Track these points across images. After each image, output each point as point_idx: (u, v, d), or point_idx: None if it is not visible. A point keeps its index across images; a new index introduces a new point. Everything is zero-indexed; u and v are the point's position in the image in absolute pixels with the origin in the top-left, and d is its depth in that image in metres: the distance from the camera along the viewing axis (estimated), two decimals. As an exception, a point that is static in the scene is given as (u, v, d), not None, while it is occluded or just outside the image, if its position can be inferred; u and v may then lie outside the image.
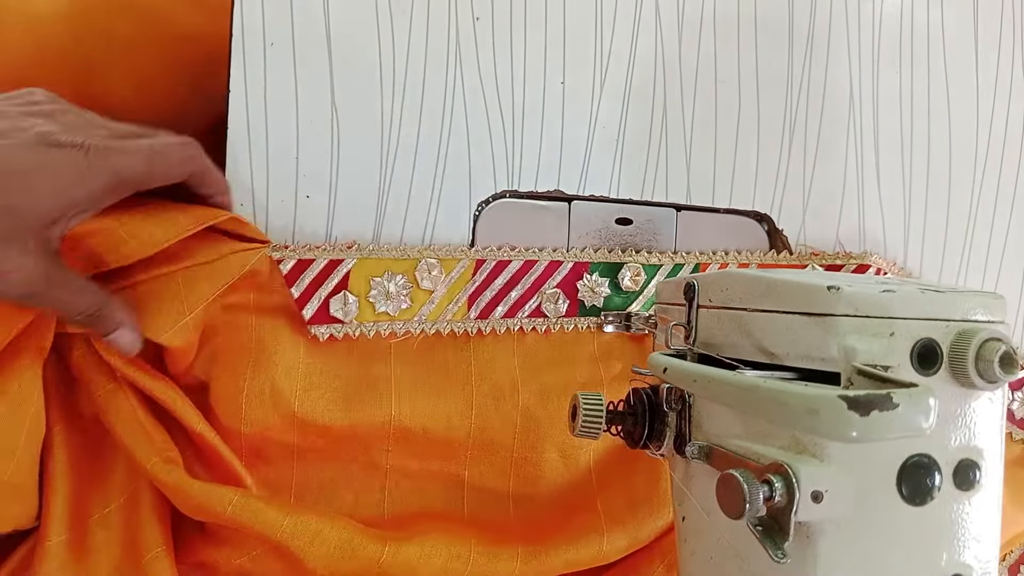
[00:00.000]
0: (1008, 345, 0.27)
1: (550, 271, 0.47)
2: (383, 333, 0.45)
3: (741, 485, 0.25)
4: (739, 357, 0.32)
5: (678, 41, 0.50)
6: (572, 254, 0.48)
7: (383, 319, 0.45)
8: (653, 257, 0.49)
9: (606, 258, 0.49)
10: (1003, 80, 0.55)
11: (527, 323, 0.47)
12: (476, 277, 0.46)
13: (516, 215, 0.48)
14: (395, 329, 0.45)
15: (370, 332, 0.44)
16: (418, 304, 0.45)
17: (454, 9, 0.46)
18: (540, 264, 0.47)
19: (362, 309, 0.44)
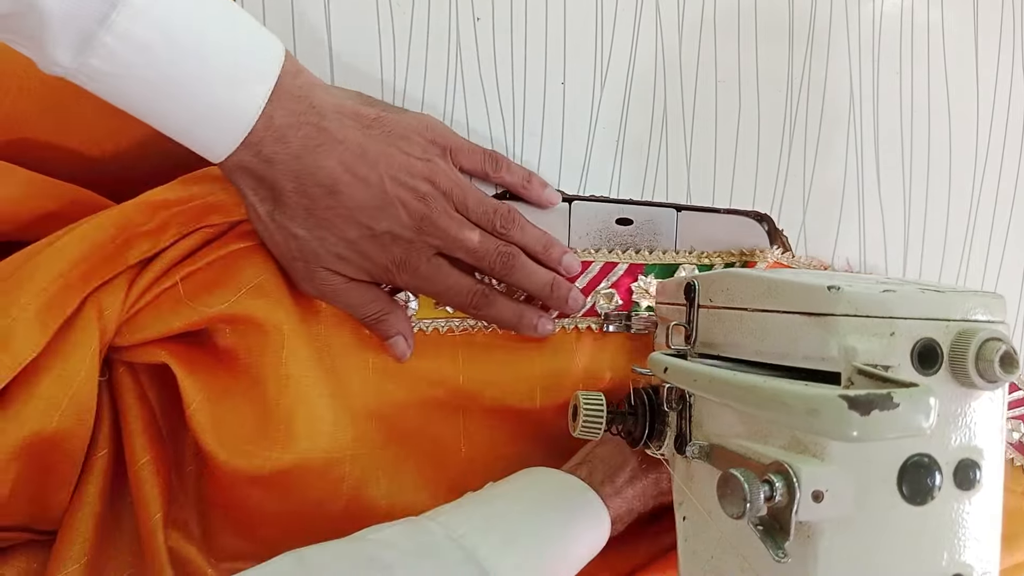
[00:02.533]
0: (1008, 345, 0.27)
1: (605, 271, 0.48)
2: (441, 330, 0.46)
3: (742, 484, 0.25)
4: (739, 357, 0.33)
5: (678, 41, 0.50)
6: (628, 255, 0.49)
7: (441, 316, 0.46)
8: (704, 257, 0.50)
9: (660, 259, 0.49)
10: (1003, 80, 0.55)
11: (582, 322, 0.48)
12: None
13: (516, 215, 0.48)
14: (452, 326, 0.46)
15: (428, 328, 0.46)
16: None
17: (454, 9, 0.46)
18: (596, 264, 0.48)
19: (422, 307, 0.46)
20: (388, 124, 0.41)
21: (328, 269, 0.41)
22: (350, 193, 0.39)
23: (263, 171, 0.38)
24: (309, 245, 0.40)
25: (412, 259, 0.42)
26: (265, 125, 0.37)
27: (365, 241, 0.40)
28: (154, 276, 0.40)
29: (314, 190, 0.39)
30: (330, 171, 0.39)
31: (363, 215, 0.40)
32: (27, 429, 0.37)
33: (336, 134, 0.39)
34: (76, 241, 0.38)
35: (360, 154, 0.39)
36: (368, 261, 0.41)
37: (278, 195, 0.39)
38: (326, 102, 0.39)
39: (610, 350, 0.49)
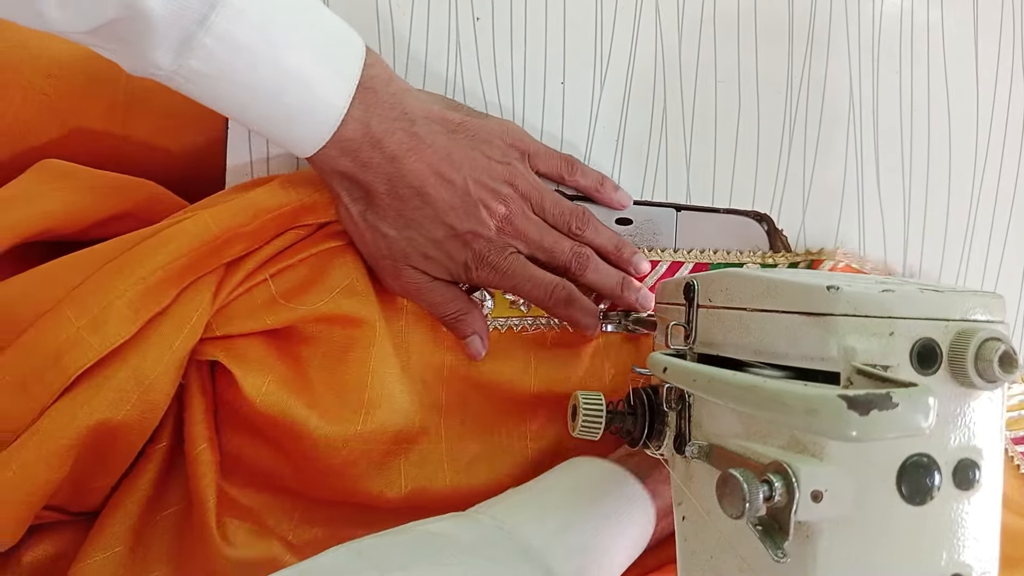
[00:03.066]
0: (1007, 345, 0.27)
1: (673, 271, 0.49)
2: (515, 328, 0.48)
3: (741, 484, 0.25)
4: (739, 357, 0.33)
5: (678, 41, 0.50)
6: (693, 255, 0.50)
7: (515, 314, 0.48)
8: (770, 256, 0.50)
9: (725, 258, 0.50)
10: (1003, 80, 0.55)
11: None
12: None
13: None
14: (526, 324, 0.48)
15: (503, 327, 0.47)
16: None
17: (454, 9, 0.46)
18: (663, 264, 0.49)
19: (498, 305, 0.47)
20: (472, 129, 0.44)
21: (414, 267, 0.43)
22: (437, 195, 0.41)
23: (359, 175, 0.40)
24: (398, 244, 0.43)
25: (491, 255, 0.43)
26: (364, 132, 0.39)
27: (449, 240, 0.43)
28: (245, 274, 0.42)
29: (405, 191, 0.41)
30: (420, 174, 0.41)
31: (448, 216, 0.42)
32: (94, 418, 0.37)
33: (426, 139, 0.41)
34: (179, 235, 0.39)
35: (446, 158, 0.42)
36: (450, 260, 0.43)
37: (371, 197, 0.41)
38: (417, 108, 0.41)
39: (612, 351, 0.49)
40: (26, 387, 0.37)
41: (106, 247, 0.40)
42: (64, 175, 0.42)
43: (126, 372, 0.38)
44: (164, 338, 0.39)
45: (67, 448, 0.37)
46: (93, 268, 0.38)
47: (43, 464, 0.36)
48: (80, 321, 0.37)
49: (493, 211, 0.43)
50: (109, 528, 0.41)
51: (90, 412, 0.37)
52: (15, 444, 0.36)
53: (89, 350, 0.37)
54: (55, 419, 0.37)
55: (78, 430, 0.37)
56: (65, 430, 0.37)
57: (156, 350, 0.39)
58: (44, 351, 0.37)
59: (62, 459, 0.37)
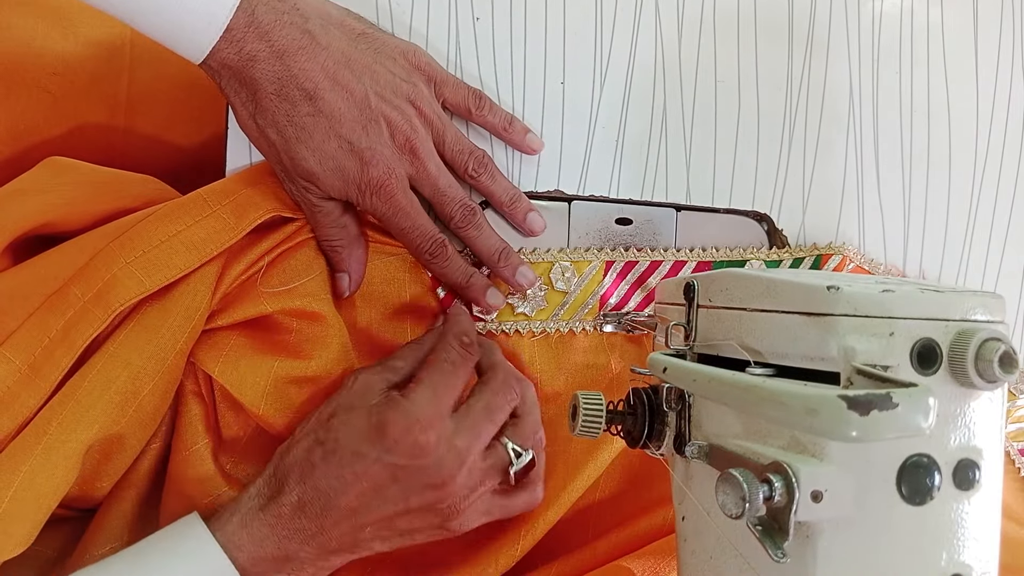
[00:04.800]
0: (1008, 345, 0.27)
1: (675, 270, 0.49)
2: (522, 332, 0.47)
3: (741, 484, 0.25)
4: (739, 357, 0.32)
5: (678, 42, 0.50)
6: (695, 254, 0.49)
7: (521, 319, 0.47)
8: (773, 253, 0.50)
9: (728, 256, 0.50)
10: (1003, 80, 0.55)
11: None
12: (606, 279, 0.48)
13: (516, 215, 0.48)
14: (532, 328, 0.47)
15: (510, 330, 0.47)
16: (553, 305, 0.48)
17: (454, 9, 0.46)
18: (665, 264, 0.49)
19: (502, 310, 0.47)
20: (375, 41, 0.41)
21: (306, 180, 0.40)
22: (333, 102, 0.38)
23: (245, 70, 0.37)
24: (284, 155, 0.39)
25: (390, 185, 0.40)
26: (247, 21, 0.36)
27: (343, 155, 0.39)
28: (244, 268, 0.41)
29: (295, 93, 0.38)
30: (312, 76, 0.37)
31: (344, 127, 0.38)
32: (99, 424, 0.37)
33: (320, 39, 0.38)
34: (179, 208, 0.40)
35: (345, 63, 0.38)
36: (340, 179, 0.40)
37: (259, 98, 0.38)
38: (311, 6, 0.38)
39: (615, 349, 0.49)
40: (37, 368, 0.37)
41: (112, 227, 0.40)
42: (68, 170, 0.42)
43: (128, 375, 0.38)
44: (165, 339, 0.39)
45: (78, 453, 0.37)
46: (99, 247, 0.39)
47: (53, 469, 0.36)
48: (85, 296, 0.37)
49: (396, 130, 0.39)
50: (107, 524, 0.41)
51: (95, 416, 0.37)
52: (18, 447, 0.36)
53: (95, 321, 0.37)
54: (64, 425, 0.37)
55: (86, 436, 0.37)
56: (72, 435, 0.37)
57: (158, 351, 0.39)
58: (53, 329, 0.37)
59: (72, 464, 0.37)
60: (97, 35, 0.47)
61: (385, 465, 0.38)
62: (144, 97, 0.48)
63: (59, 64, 0.45)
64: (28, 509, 0.36)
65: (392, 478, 0.39)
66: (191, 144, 0.49)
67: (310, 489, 0.38)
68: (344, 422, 0.40)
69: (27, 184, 0.41)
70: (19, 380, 0.36)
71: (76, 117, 0.46)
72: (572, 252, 0.48)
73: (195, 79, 0.51)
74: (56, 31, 0.46)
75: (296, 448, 0.40)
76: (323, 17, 0.39)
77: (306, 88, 0.38)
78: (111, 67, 0.47)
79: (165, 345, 0.39)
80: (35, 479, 0.36)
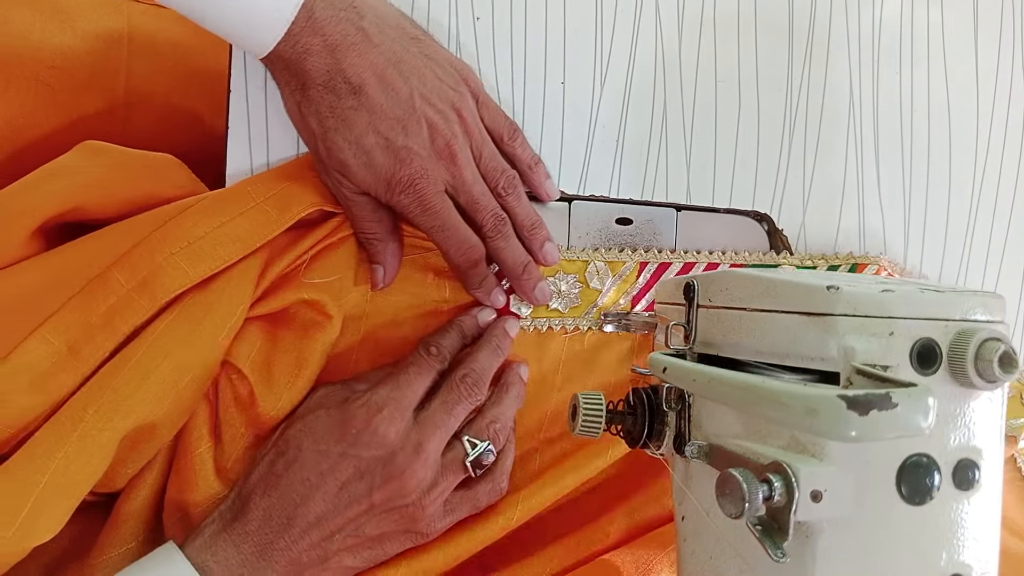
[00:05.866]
0: (1007, 345, 0.27)
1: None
2: (555, 328, 0.47)
3: (741, 484, 0.25)
4: (739, 357, 0.33)
5: (678, 41, 0.50)
6: (728, 256, 0.50)
7: (555, 315, 0.47)
8: (808, 259, 0.51)
9: (760, 260, 0.50)
10: (1003, 80, 0.55)
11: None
12: (640, 280, 0.48)
13: (516, 215, 0.48)
14: (566, 325, 0.48)
15: (543, 327, 0.47)
16: (587, 303, 0.48)
17: (454, 9, 0.46)
18: (699, 266, 0.49)
19: (537, 307, 0.47)
20: (428, 47, 0.42)
21: (339, 172, 0.41)
22: (376, 98, 0.39)
23: (298, 62, 0.38)
24: (323, 143, 0.40)
25: (423, 184, 0.40)
26: (305, 17, 0.37)
27: (379, 151, 0.39)
28: (287, 263, 0.41)
29: (341, 86, 0.38)
30: (360, 71, 0.38)
31: (383, 124, 0.39)
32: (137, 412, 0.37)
33: (373, 37, 0.39)
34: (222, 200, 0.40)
35: (394, 63, 0.39)
36: (373, 173, 0.40)
37: (307, 88, 0.39)
38: (368, 5, 0.39)
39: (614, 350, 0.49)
40: (77, 351, 0.37)
41: (155, 214, 0.40)
42: (101, 153, 0.42)
43: (168, 366, 0.38)
44: (207, 332, 0.39)
45: (113, 442, 0.37)
46: (141, 235, 0.39)
47: (89, 457, 0.36)
48: (129, 284, 0.38)
49: (437, 133, 0.40)
50: (123, 523, 0.41)
51: (132, 406, 0.37)
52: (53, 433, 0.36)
53: (140, 310, 0.38)
54: (101, 413, 0.37)
55: (123, 426, 0.37)
56: (109, 423, 0.37)
57: (199, 342, 0.39)
58: (94, 314, 0.37)
59: (107, 452, 0.37)
60: (95, 28, 0.47)
61: (350, 459, 0.39)
62: (142, 91, 0.49)
63: (57, 58, 0.45)
64: (61, 496, 0.36)
65: (357, 472, 0.39)
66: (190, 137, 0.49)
67: (275, 500, 0.39)
68: (304, 429, 0.40)
69: (58, 167, 0.41)
70: (57, 361, 0.36)
71: (75, 111, 0.46)
72: (606, 252, 0.48)
73: (193, 73, 0.51)
74: (53, 24, 0.46)
75: (257, 468, 0.40)
76: (379, 17, 0.40)
77: (352, 82, 0.38)
78: (109, 61, 0.47)
79: (206, 338, 0.39)
80: (70, 466, 0.36)
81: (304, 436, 0.40)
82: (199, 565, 0.37)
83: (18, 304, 0.37)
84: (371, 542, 0.40)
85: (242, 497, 0.40)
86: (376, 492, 0.39)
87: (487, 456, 0.42)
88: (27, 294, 0.37)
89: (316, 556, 0.39)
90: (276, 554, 0.38)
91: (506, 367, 0.46)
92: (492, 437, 0.43)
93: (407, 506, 0.40)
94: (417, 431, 0.40)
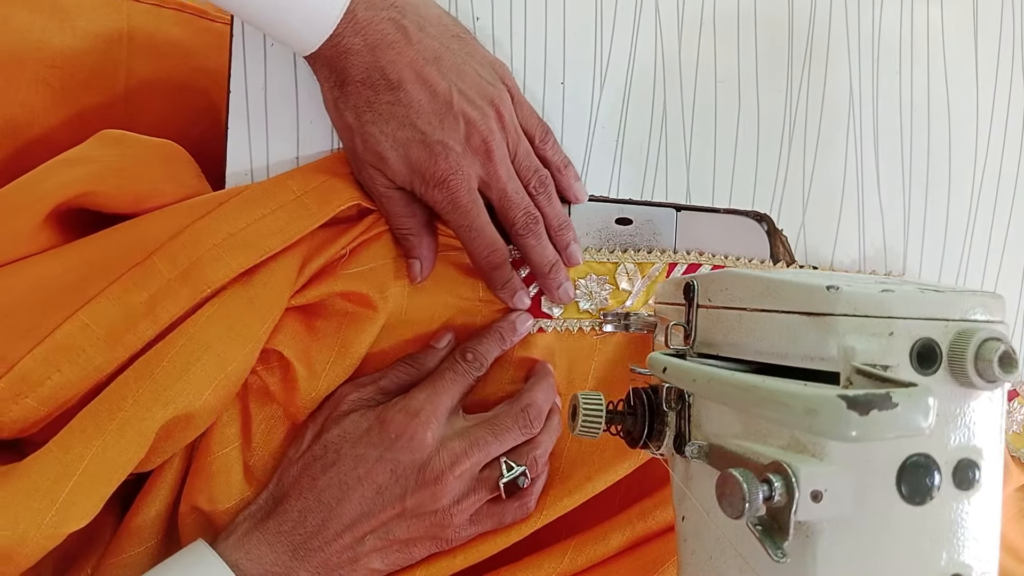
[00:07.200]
0: (1007, 345, 0.27)
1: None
2: (585, 329, 0.48)
3: (741, 484, 0.25)
4: (738, 357, 0.33)
5: (678, 41, 0.50)
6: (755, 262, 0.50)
7: (585, 317, 0.48)
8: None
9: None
10: (1003, 80, 0.55)
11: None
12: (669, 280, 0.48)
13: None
14: (596, 326, 0.48)
15: (574, 328, 0.48)
16: (616, 304, 0.48)
17: (454, 9, 0.46)
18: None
19: (568, 307, 0.48)
20: (468, 45, 0.42)
21: (373, 167, 0.41)
22: (415, 94, 0.39)
23: (338, 60, 0.39)
24: (359, 136, 0.40)
25: (455, 181, 0.41)
26: (348, 19, 0.38)
27: (414, 145, 0.40)
28: (326, 259, 0.42)
29: (379, 83, 0.39)
30: (399, 68, 0.39)
31: (420, 119, 0.40)
32: (175, 404, 0.38)
33: (412, 35, 0.39)
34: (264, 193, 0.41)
35: (434, 60, 0.40)
36: (406, 165, 0.40)
37: (345, 83, 0.40)
38: (410, 3, 0.40)
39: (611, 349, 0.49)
40: (118, 336, 0.37)
41: (194, 203, 0.41)
42: (117, 142, 0.43)
43: (209, 358, 0.38)
44: (249, 325, 0.39)
45: (151, 431, 0.37)
46: (182, 225, 0.39)
47: (127, 446, 0.37)
48: (171, 273, 0.38)
49: (474, 129, 0.40)
50: (141, 524, 0.41)
51: (172, 397, 0.37)
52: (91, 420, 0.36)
53: (181, 300, 0.38)
54: (140, 402, 0.37)
55: (162, 416, 0.37)
56: (148, 413, 0.37)
57: (241, 336, 0.39)
58: (136, 301, 0.37)
59: (145, 441, 0.37)
60: (95, 28, 0.47)
61: (387, 462, 0.40)
62: (142, 90, 0.49)
63: (57, 57, 0.46)
64: (97, 483, 0.36)
65: (392, 476, 0.40)
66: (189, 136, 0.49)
67: (311, 502, 0.39)
68: (342, 434, 0.41)
69: (74, 155, 0.41)
70: (95, 345, 0.37)
71: (75, 110, 0.46)
72: (636, 254, 0.49)
73: (193, 72, 0.51)
74: (53, 24, 0.46)
75: (291, 469, 0.41)
76: (420, 15, 0.40)
77: (391, 79, 0.39)
78: (109, 60, 0.47)
79: (247, 331, 0.39)
80: (107, 454, 0.36)
81: (343, 440, 0.41)
82: (231, 563, 0.38)
83: (52, 291, 0.37)
84: (399, 545, 0.41)
85: (275, 497, 0.40)
86: (409, 497, 0.40)
87: (521, 481, 0.43)
88: (61, 282, 0.38)
89: (347, 558, 0.39)
90: (309, 554, 0.39)
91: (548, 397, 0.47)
92: (530, 464, 0.43)
93: (437, 512, 0.41)
94: (460, 443, 0.41)
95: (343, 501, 0.39)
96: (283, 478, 0.41)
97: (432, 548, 0.42)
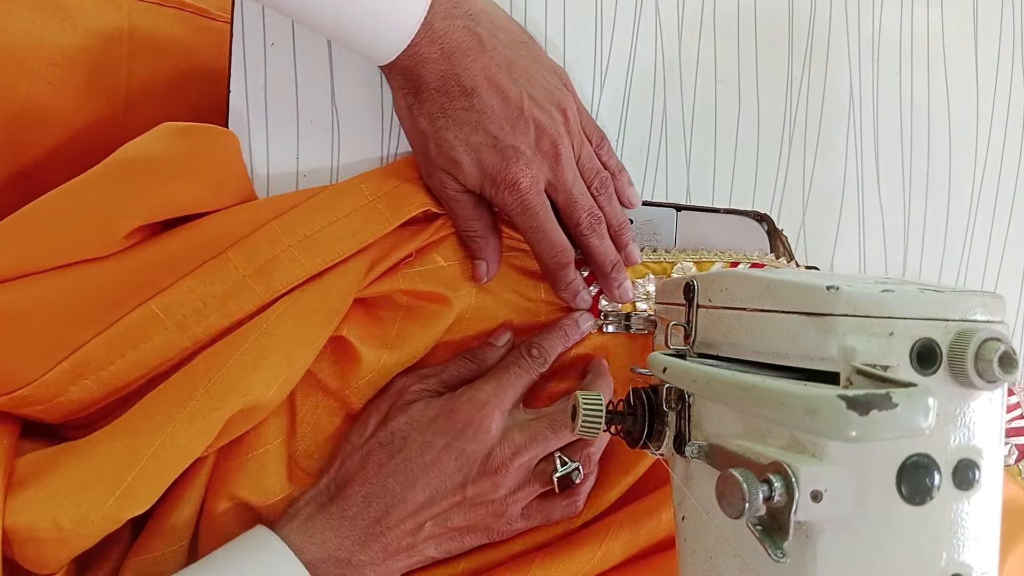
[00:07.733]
0: (1007, 345, 0.27)
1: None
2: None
3: (741, 484, 0.25)
4: (738, 357, 0.32)
5: (678, 41, 0.50)
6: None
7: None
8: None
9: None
10: (1003, 80, 0.55)
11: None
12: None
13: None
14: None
15: (632, 328, 0.48)
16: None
17: (454, 9, 0.46)
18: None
19: (625, 306, 0.48)
20: (534, 51, 0.43)
21: (445, 171, 0.42)
22: (488, 100, 0.40)
23: (415, 69, 0.40)
24: (431, 142, 0.42)
25: (526, 184, 0.42)
26: (425, 29, 0.38)
27: (486, 149, 0.41)
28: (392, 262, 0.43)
29: (454, 89, 0.40)
30: (473, 75, 0.40)
31: (492, 124, 0.41)
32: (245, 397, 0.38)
33: (486, 43, 0.40)
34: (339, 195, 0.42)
35: (506, 67, 0.41)
36: (478, 169, 0.42)
37: (420, 90, 0.41)
38: (482, 11, 0.41)
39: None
40: (186, 327, 0.38)
41: (271, 203, 0.42)
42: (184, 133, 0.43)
43: (280, 355, 0.39)
44: (318, 325, 0.40)
45: (220, 422, 0.38)
46: (258, 223, 0.40)
47: (196, 435, 0.37)
48: (246, 270, 0.39)
49: (543, 133, 0.42)
50: (176, 519, 0.41)
51: (244, 389, 0.38)
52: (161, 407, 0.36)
53: (254, 296, 0.39)
54: (212, 393, 0.37)
55: (231, 408, 0.38)
56: (220, 403, 0.37)
57: (309, 335, 0.40)
58: (207, 295, 0.38)
59: (212, 431, 0.38)
60: (95, 26, 0.47)
61: (453, 451, 0.41)
62: (143, 88, 0.49)
63: (58, 55, 0.46)
64: (163, 470, 0.37)
65: (456, 464, 0.41)
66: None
67: (376, 488, 0.40)
68: (410, 422, 0.42)
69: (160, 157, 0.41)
70: (162, 334, 0.37)
71: (76, 108, 0.46)
72: (693, 253, 0.49)
73: (193, 71, 0.51)
74: (54, 22, 0.46)
75: (355, 455, 0.42)
76: (492, 23, 0.41)
77: (465, 85, 0.40)
78: (109, 58, 0.47)
79: (315, 331, 0.40)
80: (176, 441, 0.37)
81: (410, 428, 0.42)
82: (295, 547, 0.38)
83: (127, 283, 0.38)
84: (455, 533, 0.42)
85: (338, 483, 0.41)
86: (470, 486, 0.41)
87: (575, 475, 0.43)
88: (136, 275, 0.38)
89: (407, 543, 0.40)
90: (371, 539, 0.40)
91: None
92: (583, 460, 0.44)
93: (494, 501, 0.42)
94: (521, 436, 0.42)
95: (409, 488, 0.40)
96: (346, 464, 0.42)
97: (483, 539, 0.43)
